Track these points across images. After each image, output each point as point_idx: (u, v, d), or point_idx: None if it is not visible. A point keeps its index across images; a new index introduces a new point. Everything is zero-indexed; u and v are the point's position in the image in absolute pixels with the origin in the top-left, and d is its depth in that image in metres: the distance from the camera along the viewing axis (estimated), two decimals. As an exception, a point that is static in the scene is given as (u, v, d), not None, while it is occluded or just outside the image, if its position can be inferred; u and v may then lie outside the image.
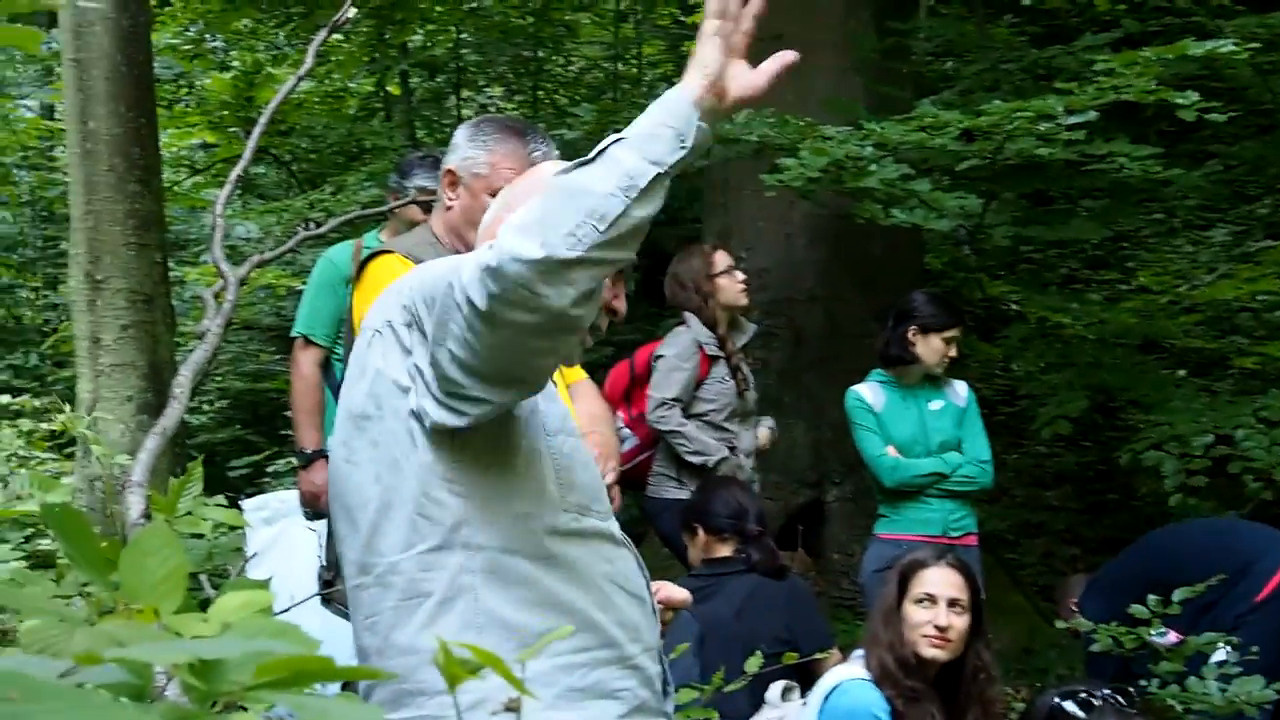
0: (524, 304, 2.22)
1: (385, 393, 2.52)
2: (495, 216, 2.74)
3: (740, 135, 7.09)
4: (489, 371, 2.35)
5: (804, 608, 5.28)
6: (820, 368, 8.32)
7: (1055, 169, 7.86)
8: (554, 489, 2.56)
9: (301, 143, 14.27)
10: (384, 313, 2.57)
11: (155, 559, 1.51)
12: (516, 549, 2.49)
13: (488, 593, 2.46)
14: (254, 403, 12.63)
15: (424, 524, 2.47)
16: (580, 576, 2.55)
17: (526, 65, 14.02)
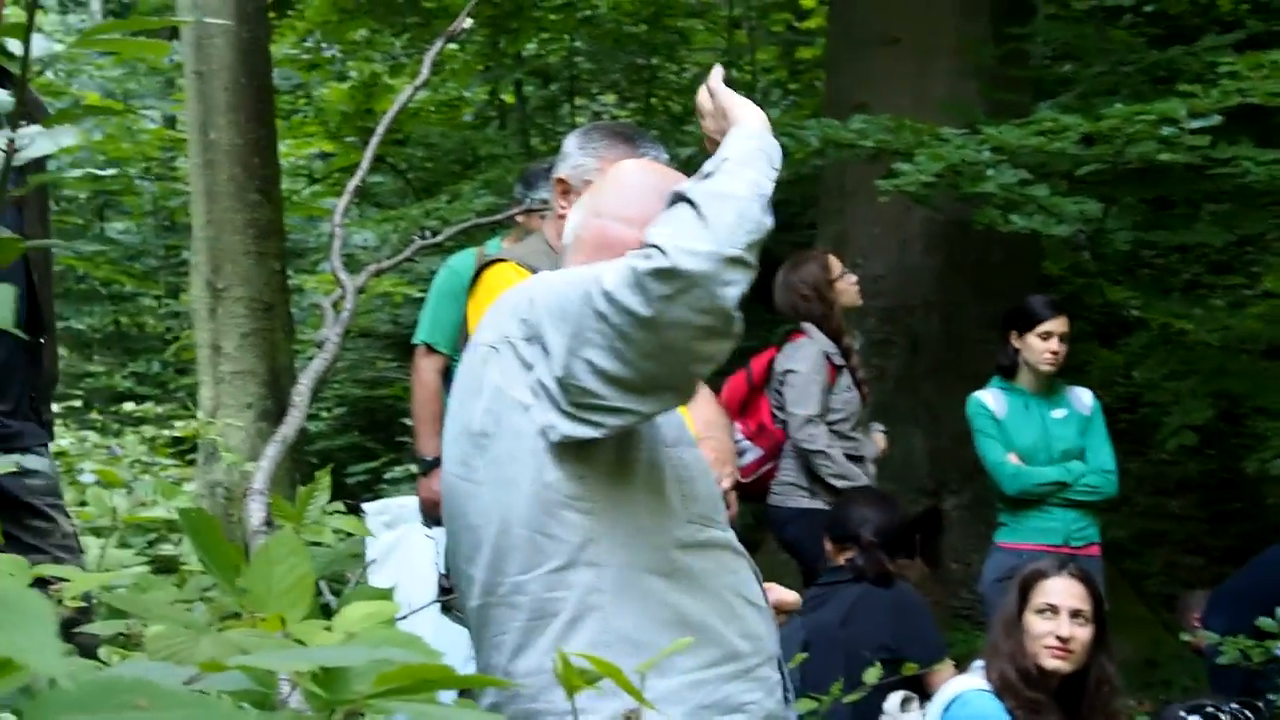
0: (697, 304, 2.25)
1: (505, 410, 2.48)
2: (585, 222, 2.77)
3: (856, 140, 7.05)
4: (638, 380, 2.33)
5: (912, 617, 5.22)
6: (937, 375, 8.26)
7: (1177, 173, 7.74)
8: (677, 501, 2.54)
9: (417, 151, 14.40)
10: (499, 328, 2.55)
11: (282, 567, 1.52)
12: (643, 565, 2.47)
13: (616, 610, 2.43)
14: (371, 409, 12.76)
15: (549, 543, 2.44)
16: (705, 589, 2.53)
17: (640, 73, 14.07)
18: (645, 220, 2.70)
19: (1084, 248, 8.59)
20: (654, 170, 2.94)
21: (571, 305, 2.38)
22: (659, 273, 2.25)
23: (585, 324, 2.34)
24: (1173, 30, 9.90)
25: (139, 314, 14.42)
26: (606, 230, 2.73)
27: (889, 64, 8.60)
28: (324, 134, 14.79)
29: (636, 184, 2.81)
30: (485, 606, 2.54)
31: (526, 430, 2.45)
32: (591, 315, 2.32)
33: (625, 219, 2.72)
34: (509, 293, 2.63)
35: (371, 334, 13.35)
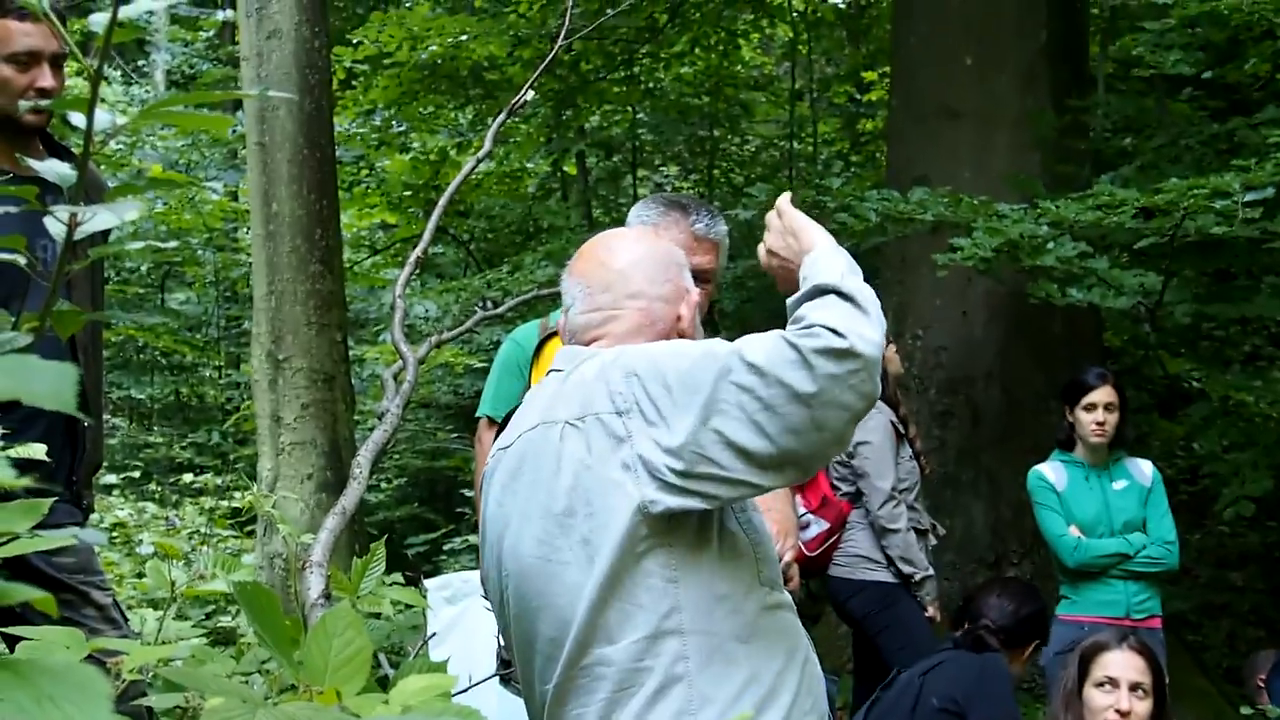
0: (860, 386, 2.36)
1: (596, 488, 2.47)
2: (618, 305, 2.76)
3: (915, 214, 7.08)
4: (773, 454, 2.37)
5: (991, 683, 5.18)
6: (998, 446, 8.23)
7: (1236, 246, 7.72)
8: (751, 566, 2.56)
9: (479, 223, 14.51)
10: (578, 403, 2.54)
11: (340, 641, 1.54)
12: (725, 630, 2.48)
13: (701, 677, 2.45)
14: (431, 480, 12.80)
15: (637, 612, 2.45)
16: (777, 650, 2.55)
17: (702, 144, 14.15)
18: (678, 294, 2.78)
19: (1144, 320, 8.54)
20: (651, 239, 2.97)
21: (701, 377, 2.40)
22: (835, 352, 2.34)
23: (721, 396, 2.37)
24: (1234, 103, 9.89)
25: (199, 385, 14.53)
26: (651, 311, 2.75)
27: (950, 136, 8.63)
28: (386, 205, 14.91)
29: (659, 258, 2.83)
30: (566, 682, 2.53)
31: (619, 506, 2.44)
32: (731, 388, 2.36)
33: (664, 298, 2.77)
34: (586, 366, 2.61)
35: (432, 404, 13.40)
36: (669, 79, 13.90)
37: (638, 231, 3.13)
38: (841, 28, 14.71)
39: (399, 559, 10.21)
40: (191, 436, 13.39)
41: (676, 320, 2.78)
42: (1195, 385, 9.24)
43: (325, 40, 8.40)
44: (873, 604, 6.42)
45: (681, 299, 2.79)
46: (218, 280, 14.42)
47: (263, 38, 8.03)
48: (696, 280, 2.94)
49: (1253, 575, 10.48)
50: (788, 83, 14.65)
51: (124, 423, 13.52)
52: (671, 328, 2.77)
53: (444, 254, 15.48)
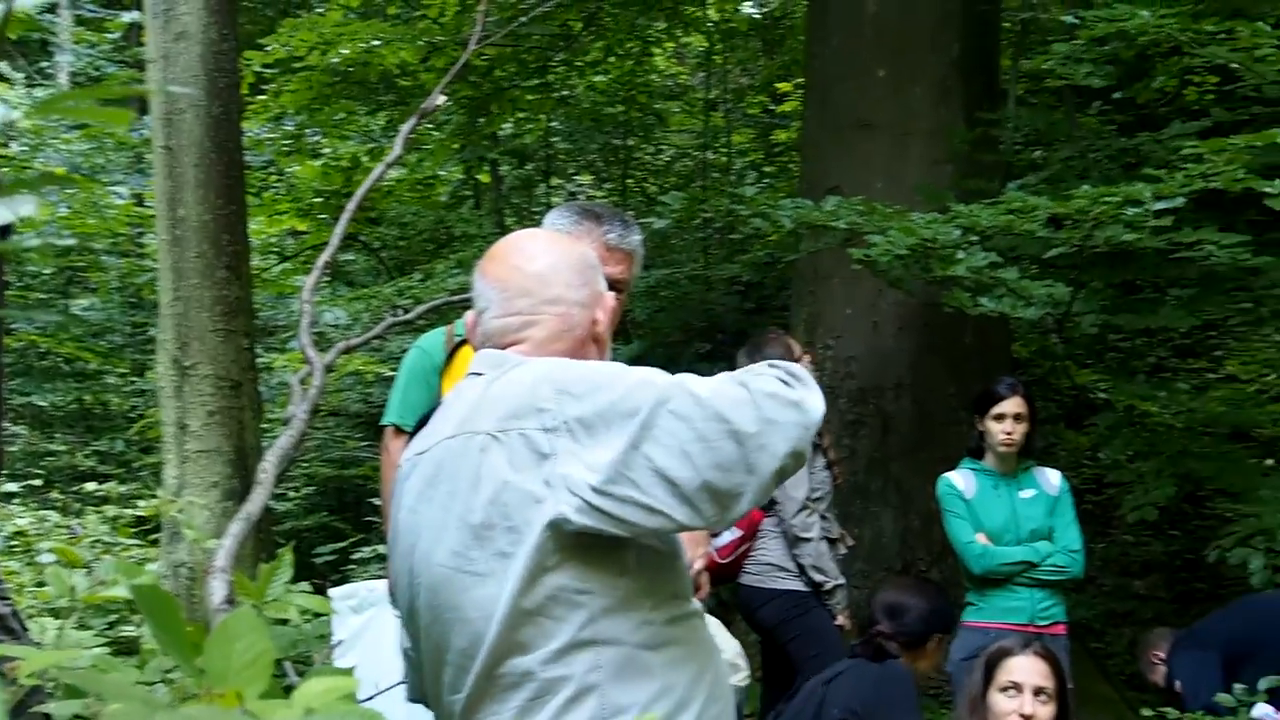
0: (795, 442, 2.42)
1: (515, 502, 2.45)
2: (536, 310, 2.73)
3: (829, 221, 7.10)
4: (694, 487, 2.38)
5: (890, 691, 5.18)
6: (908, 456, 8.28)
7: (1144, 257, 7.81)
8: (665, 578, 2.58)
9: (391, 230, 14.44)
10: (500, 415, 2.52)
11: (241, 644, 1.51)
12: (638, 641, 2.49)
13: (614, 687, 2.45)
14: (340, 489, 12.70)
15: (551, 624, 2.45)
16: (688, 659, 2.57)
17: (616, 153, 14.16)
18: (595, 298, 2.78)
19: (1053, 330, 8.63)
20: (570, 245, 2.93)
21: (637, 401, 2.41)
22: (782, 400, 2.40)
23: (657, 422, 2.38)
24: (1141, 118, 10.02)
25: (103, 392, 14.31)
26: (569, 316, 2.74)
27: (863, 148, 8.68)
28: (296, 212, 14.79)
29: (575, 262, 2.81)
30: (479, 692, 2.52)
31: (536, 521, 2.42)
32: (668, 416, 2.38)
33: (582, 303, 2.76)
34: (515, 375, 2.59)
35: (341, 413, 13.31)
36: (583, 87, 13.90)
37: (550, 234, 3.10)
38: (756, 38, 14.77)
39: (307, 568, 10.11)
40: (95, 444, 13.20)
41: (593, 325, 2.77)
42: (1102, 396, 9.34)
43: (234, 44, 8.31)
44: (784, 612, 6.44)
45: (598, 303, 2.79)
46: (123, 286, 14.24)
47: (170, 39, 7.93)
48: (609, 290, 2.93)
49: (1155, 584, 10.62)
50: (702, 92, 14.69)
51: (25, 430, 13.30)
52: (588, 333, 2.76)
53: (355, 262, 15.39)
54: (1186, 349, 11.80)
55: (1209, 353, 11.49)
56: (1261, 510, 7.00)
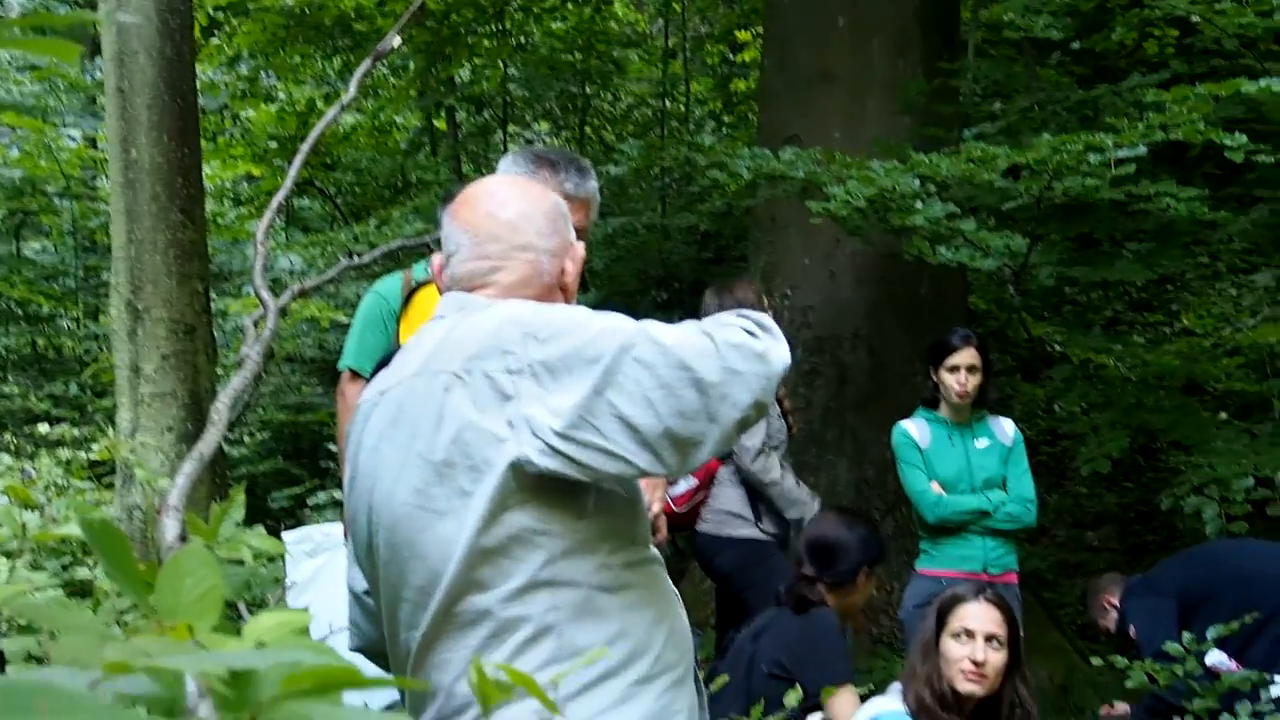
0: (758, 392, 2.42)
1: (477, 442, 2.46)
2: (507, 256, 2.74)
3: (786, 172, 7.08)
4: (658, 433, 2.39)
5: (817, 643, 5.17)
6: (864, 406, 8.30)
7: (1101, 210, 7.83)
8: (624, 522, 2.59)
9: (347, 176, 14.35)
10: (465, 355, 2.52)
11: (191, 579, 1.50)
12: (597, 583, 2.51)
13: (571, 629, 2.47)
14: (296, 435, 12.65)
15: (511, 564, 2.46)
16: (646, 604, 2.59)
17: (574, 101, 14.09)
18: (565, 247, 2.79)
19: (1009, 283, 8.65)
20: (543, 193, 2.92)
21: (602, 347, 2.41)
22: (747, 350, 2.40)
23: (622, 368, 2.39)
24: (1099, 70, 10.03)
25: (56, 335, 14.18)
26: (539, 263, 2.75)
27: (822, 99, 8.65)
28: (251, 157, 14.68)
29: (547, 210, 2.82)
30: (436, 629, 2.54)
31: (497, 461, 2.43)
32: (633, 362, 2.39)
33: (552, 251, 2.77)
34: (480, 318, 2.60)
35: (297, 359, 13.24)
36: (540, 34, 13.81)
37: (524, 181, 3.09)
38: (715, -14, 14.71)
39: (264, 513, 10.10)
40: (48, 387, 13.09)
41: (561, 274, 2.78)
42: (1058, 349, 9.38)
43: (187, -17, 8.21)
44: (741, 560, 6.45)
45: (567, 253, 2.80)
46: (75, 229, 14.10)
47: (123, -22, 7.83)
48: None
49: (1108, 535, 10.69)
50: (661, 41, 14.61)
51: (-23, 374, 13.21)
52: (556, 281, 2.78)
53: (310, 208, 15.31)
54: (1143, 303, 11.87)
55: (1165, 306, 11.56)
56: (1215, 461, 7.05)
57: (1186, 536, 9.12)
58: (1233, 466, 6.90)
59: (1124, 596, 6.42)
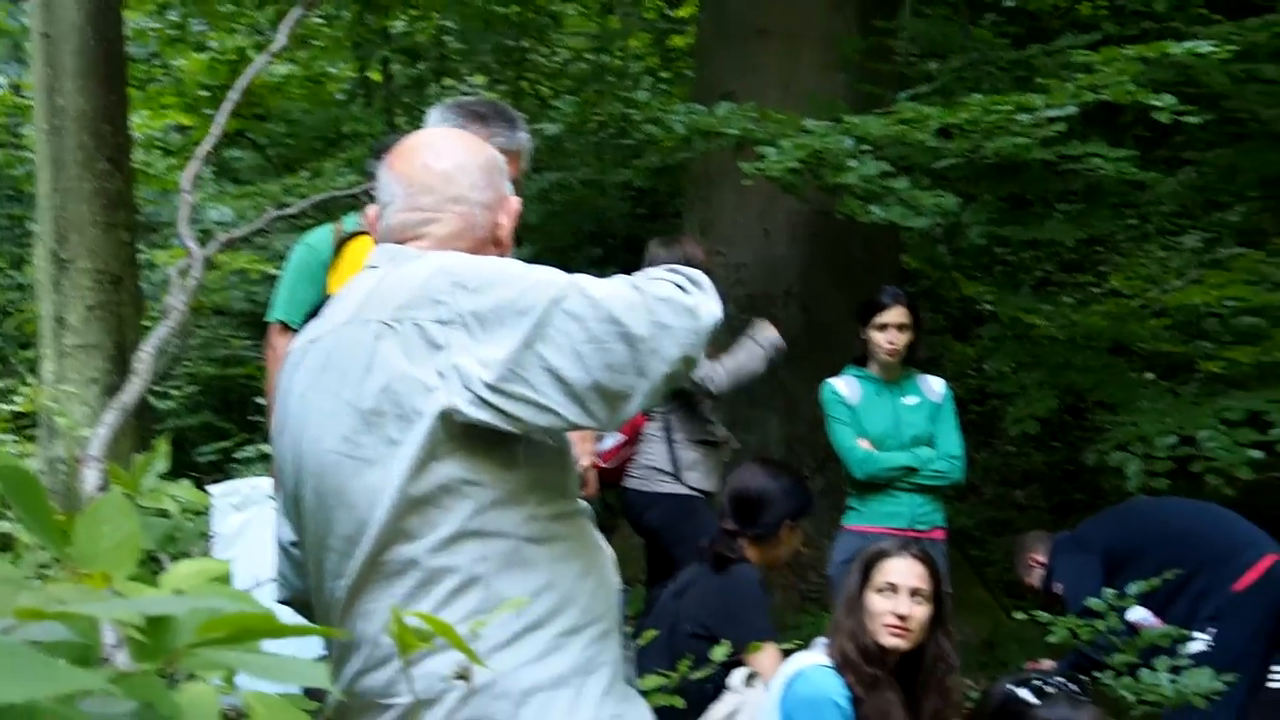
0: (688, 347, 2.43)
1: (406, 391, 2.46)
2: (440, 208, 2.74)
3: (720, 128, 7.07)
4: (585, 387, 2.40)
5: (737, 601, 5.16)
6: (796, 363, 8.30)
7: (1032, 171, 7.88)
8: (554, 474, 2.60)
9: (279, 127, 14.20)
10: (396, 305, 2.52)
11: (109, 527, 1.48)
12: (524, 534, 2.51)
13: (498, 579, 2.48)
14: (224, 388, 12.54)
15: (438, 514, 2.47)
16: (574, 556, 2.60)
17: (510, 55, 13.98)
18: (498, 201, 2.79)
19: (941, 242, 8.70)
20: (480, 146, 2.92)
21: (533, 299, 2.42)
22: (676, 305, 2.42)
23: (552, 320, 2.39)
24: (1033, 31, 10.07)
25: (-23, 286, 13.99)
26: (471, 216, 2.74)
27: (758, 55, 8.63)
28: (181, 106, 14.50)
29: (483, 163, 2.82)
30: (362, 579, 2.54)
31: (426, 410, 2.44)
32: (563, 315, 2.39)
33: (485, 204, 2.77)
34: (411, 268, 2.59)
35: (226, 311, 13.11)
36: (477, -15, 13.70)
37: (461, 134, 3.08)
38: (653, -61, 14.64)
39: (191, 467, 10.01)
40: (-31, 338, 12.93)
41: (496, 227, 2.78)
42: (988, 308, 9.45)
43: (115, -74, 8.08)
44: (668, 516, 6.47)
45: (502, 206, 2.80)
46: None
47: (48, -80, 7.70)
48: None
49: (1035, 494, 10.81)
50: (598, -5, 14.54)
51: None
52: (490, 234, 2.77)
53: (242, 159, 15.13)
54: (1072, 264, 11.96)
55: (1094, 268, 11.66)
56: (1140, 419, 7.13)
57: (1111, 495, 9.22)
58: (1157, 425, 6.99)
59: (1050, 554, 6.48)
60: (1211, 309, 9.31)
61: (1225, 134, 9.69)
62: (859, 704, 4.40)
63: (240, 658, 1.12)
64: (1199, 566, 5.95)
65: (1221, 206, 11.45)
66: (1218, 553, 6.03)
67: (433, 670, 2.39)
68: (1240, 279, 8.89)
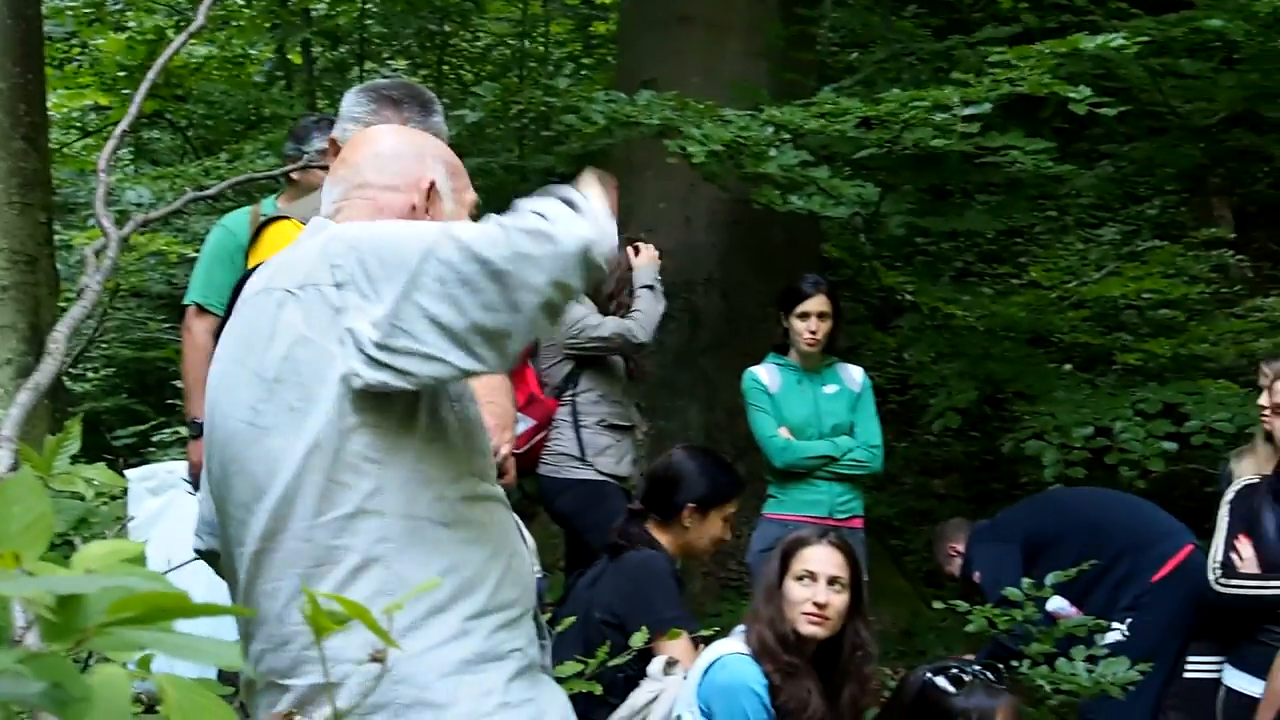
0: (554, 274, 2.40)
1: (307, 357, 2.48)
2: (348, 195, 2.81)
3: (641, 118, 7.08)
4: (466, 330, 2.39)
5: (644, 589, 5.10)
6: (716, 351, 8.34)
7: (952, 162, 7.94)
8: (461, 454, 2.59)
9: (199, 109, 14.07)
10: (299, 274, 2.55)
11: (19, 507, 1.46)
12: (428, 515, 2.51)
13: (400, 560, 2.47)
14: (141, 371, 12.44)
15: (339, 490, 2.47)
16: (482, 540, 2.59)
17: (432, 39, 13.90)
18: (410, 183, 2.80)
19: (862, 231, 8.75)
20: (403, 133, 3.02)
21: (409, 252, 2.42)
22: (536, 234, 2.37)
23: (426, 270, 2.39)
24: (954, 22, 10.14)
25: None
26: (377, 200, 2.78)
27: (680, 42, 8.64)
28: (99, 86, 14.33)
29: (390, 150, 2.86)
30: (262, 553, 2.54)
31: (328, 377, 2.46)
32: (435, 263, 2.38)
33: (390, 187, 2.80)
34: (313, 238, 2.64)
35: (143, 294, 12.98)
36: (399, -32, 13.61)
37: (396, 129, 3.15)
38: (576, -75, 14.60)
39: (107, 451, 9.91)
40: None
41: (410, 209, 2.78)
42: (908, 298, 9.51)
43: (31, -98, 7.96)
44: (579, 502, 6.46)
45: (414, 187, 2.80)
46: (-88, 157, 13.68)
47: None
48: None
49: (954, 484, 10.88)
50: (521, -20, 14.49)
51: None
52: (406, 215, 2.78)
53: (161, 140, 14.99)
54: (992, 255, 12.05)
55: (1014, 259, 11.75)
56: (1057, 409, 7.21)
57: (1029, 485, 9.32)
58: (1073, 415, 7.08)
59: (969, 543, 6.53)
60: (1129, 301, 9.44)
61: (1143, 128, 9.82)
62: (776, 692, 4.41)
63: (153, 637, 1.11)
64: (1117, 556, 6.02)
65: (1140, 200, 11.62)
66: (1136, 543, 6.10)
67: (337, 653, 2.33)
68: (1157, 272, 9.02)
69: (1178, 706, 5.74)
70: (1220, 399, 7.33)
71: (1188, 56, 8.44)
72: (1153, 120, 9.64)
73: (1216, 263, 10.74)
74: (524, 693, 2.62)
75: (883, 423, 6.70)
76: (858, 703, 4.65)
